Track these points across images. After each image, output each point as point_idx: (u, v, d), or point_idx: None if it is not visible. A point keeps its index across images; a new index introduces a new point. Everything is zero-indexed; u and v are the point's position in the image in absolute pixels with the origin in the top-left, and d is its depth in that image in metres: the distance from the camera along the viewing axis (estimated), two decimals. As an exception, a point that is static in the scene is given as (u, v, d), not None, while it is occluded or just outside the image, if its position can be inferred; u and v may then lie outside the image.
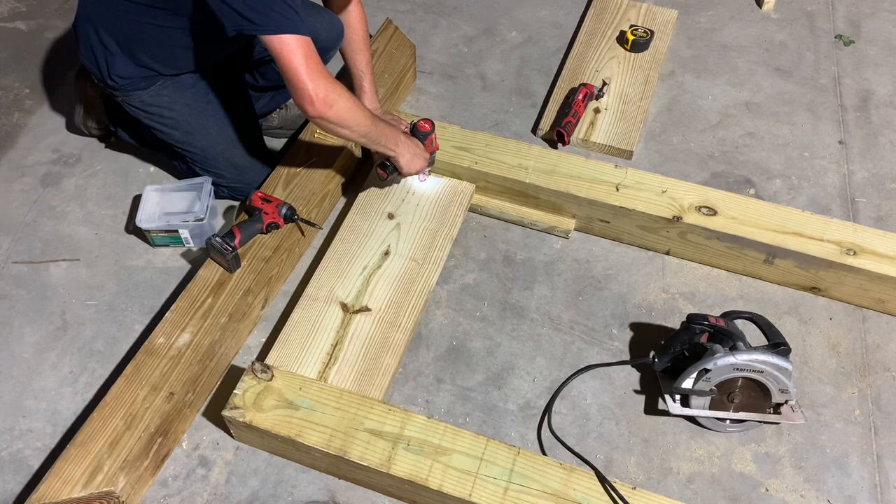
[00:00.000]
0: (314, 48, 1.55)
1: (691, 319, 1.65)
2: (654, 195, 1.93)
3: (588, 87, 2.28)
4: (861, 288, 1.85)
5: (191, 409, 1.66)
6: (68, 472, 1.45)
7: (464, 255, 2.01)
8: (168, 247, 1.99)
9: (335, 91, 1.57)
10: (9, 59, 2.50)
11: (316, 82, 1.54)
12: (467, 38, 2.64)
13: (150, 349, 1.63)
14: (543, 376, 1.78)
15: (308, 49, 1.53)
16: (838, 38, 2.65)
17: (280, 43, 1.51)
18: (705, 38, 2.65)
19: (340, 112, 1.59)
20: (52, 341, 1.82)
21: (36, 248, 2.00)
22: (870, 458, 1.66)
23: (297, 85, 1.54)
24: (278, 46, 1.51)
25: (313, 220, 1.94)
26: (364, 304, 1.81)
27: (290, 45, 1.51)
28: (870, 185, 2.20)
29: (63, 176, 2.16)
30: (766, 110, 2.41)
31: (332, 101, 1.57)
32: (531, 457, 1.49)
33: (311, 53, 1.54)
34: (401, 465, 1.47)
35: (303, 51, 1.52)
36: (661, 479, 1.62)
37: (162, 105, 1.85)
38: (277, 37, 1.50)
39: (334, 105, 1.57)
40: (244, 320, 1.78)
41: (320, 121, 1.60)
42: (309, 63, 1.53)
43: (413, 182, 2.04)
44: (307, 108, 1.56)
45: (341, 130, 1.65)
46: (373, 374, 1.69)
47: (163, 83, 1.83)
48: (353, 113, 1.63)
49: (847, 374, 1.79)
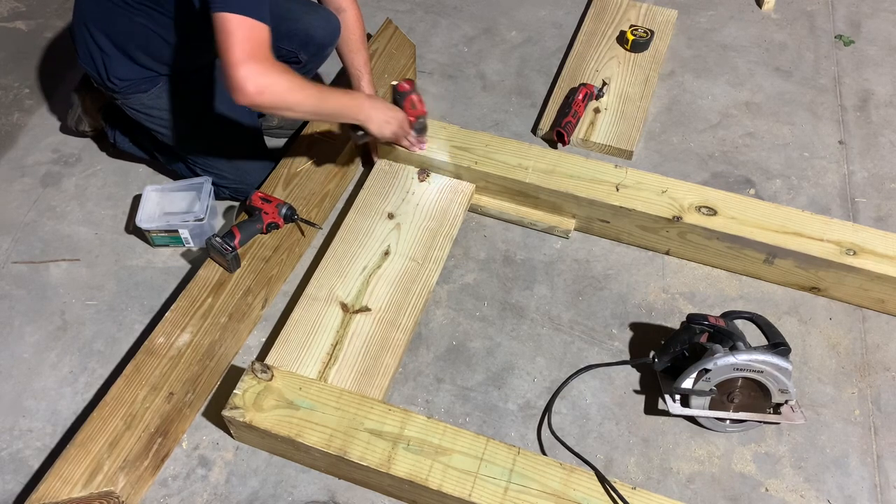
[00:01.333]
0: (263, 35, 1.45)
1: (691, 319, 1.65)
2: (654, 195, 1.92)
3: (588, 87, 2.28)
4: (861, 288, 1.85)
5: (191, 409, 1.66)
6: (68, 472, 1.45)
7: (464, 255, 2.01)
8: (168, 247, 1.99)
9: (267, 76, 1.45)
10: (9, 59, 2.50)
11: (245, 68, 1.42)
12: (467, 38, 2.64)
13: (150, 349, 1.63)
14: (543, 376, 1.78)
15: (249, 32, 1.42)
16: (838, 38, 2.65)
17: (222, 21, 1.41)
18: (705, 38, 2.65)
19: (275, 97, 1.49)
20: (52, 341, 1.82)
21: (36, 248, 2.00)
22: (870, 458, 1.66)
23: (225, 70, 1.44)
24: (219, 24, 1.42)
25: (313, 219, 1.94)
26: (364, 304, 1.81)
27: (232, 24, 1.41)
28: (870, 185, 2.20)
29: (63, 176, 2.16)
30: (766, 110, 2.41)
31: (263, 87, 1.45)
32: (531, 457, 1.49)
33: (250, 37, 1.42)
34: (401, 465, 1.47)
35: (242, 33, 1.41)
36: (661, 479, 1.62)
37: (162, 107, 1.86)
38: (222, 14, 1.41)
39: (266, 91, 1.46)
40: (244, 320, 1.78)
41: (254, 107, 1.50)
42: (243, 46, 1.42)
43: (413, 182, 2.04)
44: (234, 96, 1.46)
45: (283, 113, 1.56)
46: (373, 374, 1.69)
47: (162, 86, 1.83)
48: (291, 95, 1.51)
49: (847, 374, 1.79)
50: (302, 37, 1.96)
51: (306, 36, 1.96)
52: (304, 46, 1.98)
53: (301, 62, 2.02)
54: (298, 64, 2.03)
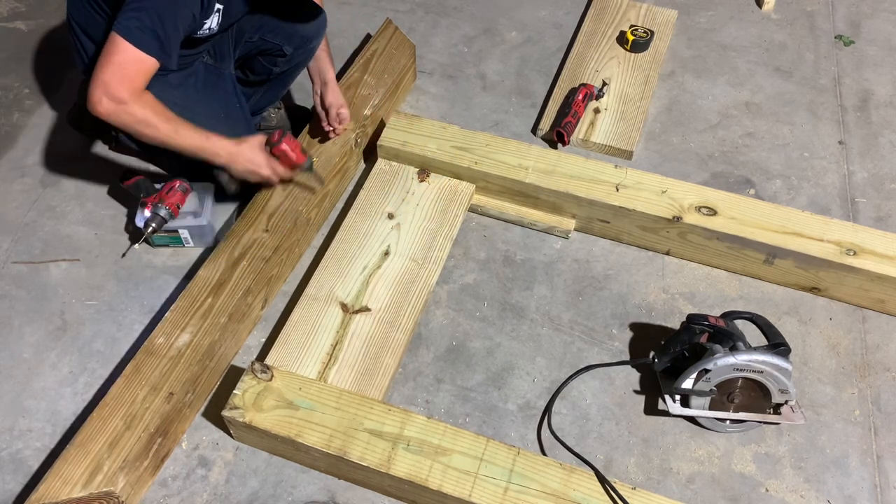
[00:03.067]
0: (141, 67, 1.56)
1: (691, 319, 1.65)
2: (654, 195, 1.92)
3: (588, 87, 2.28)
4: (861, 288, 1.85)
5: (190, 410, 1.66)
6: (68, 473, 1.45)
7: (464, 255, 2.01)
8: (168, 247, 1.99)
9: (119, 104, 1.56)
10: (9, 59, 2.50)
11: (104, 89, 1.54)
12: (467, 38, 2.64)
13: (150, 349, 1.63)
14: (543, 376, 1.78)
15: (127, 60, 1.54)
16: (838, 39, 2.65)
17: (112, 39, 1.53)
18: (705, 38, 2.65)
19: (119, 122, 1.59)
20: (52, 341, 1.82)
21: (36, 248, 2.00)
22: (870, 459, 1.66)
23: (92, 81, 1.55)
24: (108, 42, 1.54)
25: (313, 219, 1.94)
26: (364, 304, 1.81)
27: (117, 47, 1.53)
28: (870, 186, 2.20)
29: (63, 176, 2.16)
30: (766, 110, 2.41)
31: (110, 111, 1.57)
32: (531, 457, 1.49)
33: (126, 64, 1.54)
34: (401, 465, 1.47)
35: (120, 57, 1.54)
36: (661, 480, 1.62)
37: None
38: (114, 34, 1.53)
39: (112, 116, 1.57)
40: (244, 320, 1.78)
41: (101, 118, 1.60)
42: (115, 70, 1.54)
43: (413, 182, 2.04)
44: (89, 106, 1.57)
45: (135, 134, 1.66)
46: (372, 374, 1.69)
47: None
48: (138, 127, 1.61)
49: (847, 374, 1.79)
50: (287, 30, 1.95)
51: (291, 29, 1.95)
52: (289, 39, 1.97)
53: (286, 55, 2.01)
54: (283, 56, 2.01)
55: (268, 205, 1.90)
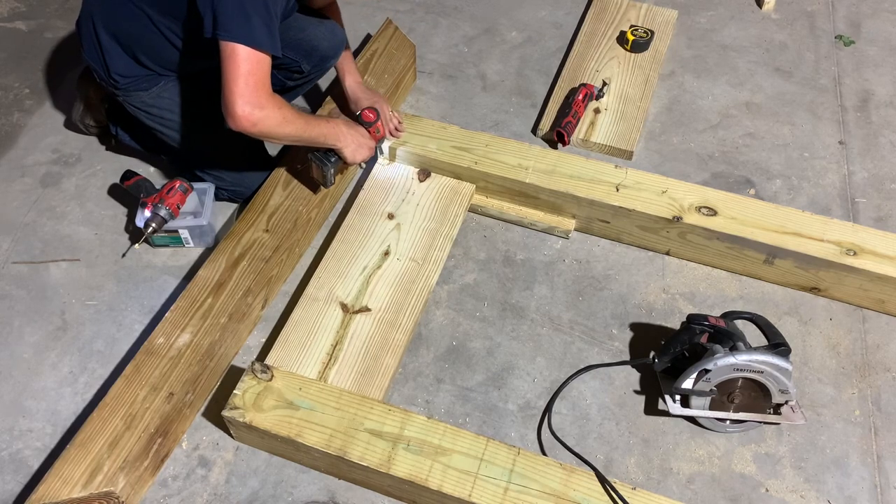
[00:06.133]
0: (266, 68, 1.53)
1: (691, 320, 1.65)
2: (654, 195, 1.92)
3: (588, 88, 2.28)
4: (861, 288, 1.85)
5: (191, 410, 1.66)
6: (68, 473, 1.45)
7: (464, 255, 2.01)
8: (168, 247, 1.99)
9: (262, 110, 1.54)
10: (9, 59, 2.50)
11: (244, 102, 1.51)
12: (467, 38, 2.64)
13: (150, 349, 1.63)
14: (543, 376, 1.78)
15: (255, 65, 1.51)
16: (838, 39, 2.65)
17: (230, 50, 1.49)
18: (705, 38, 2.65)
19: (264, 129, 1.57)
20: (52, 341, 1.82)
21: (36, 248, 2.00)
22: (870, 459, 1.66)
23: (226, 97, 1.52)
24: (226, 52, 1.49)
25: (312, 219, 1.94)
26: (364, 304, 1.81)
27: (239, 56, 1.49)
28: (870, 186, 2.20)
29: (63, 176, 2.16)
30: (766, 110, 2.41)
31: (257, 120, 1.54)
32: (531, 457, 1.49)
33: (255, 70, 1.51)
34: (401, 465, 1.47)
35: (247, 66, 1.50)
36: (661, 480, 1.62)
37: (162, 107, 1.86)
38: (230, 44, 1.48)
39: (259, 123, 1.55)
40: (244, 320, 1.78)
41: (244, 132, 1.58)
42: (247, 80, 1.50)
43: (413, 182, 2.04)
44: (228, 121, 1.55)
45: (269, 140, 1.69)
46: (373, 374, 1.69)
47: (164, 85, 1.83)
48: (280, 128, 1.60)
49: (847, 374, 1.79)
50: (306, 47, 1.98)
51: (310, 47, 1.98)
52: (308, 57, 2.00)
53: (303, 72, 2.04)
54: (301, 73, 2.04)
55: (268, 205, 1.90)
